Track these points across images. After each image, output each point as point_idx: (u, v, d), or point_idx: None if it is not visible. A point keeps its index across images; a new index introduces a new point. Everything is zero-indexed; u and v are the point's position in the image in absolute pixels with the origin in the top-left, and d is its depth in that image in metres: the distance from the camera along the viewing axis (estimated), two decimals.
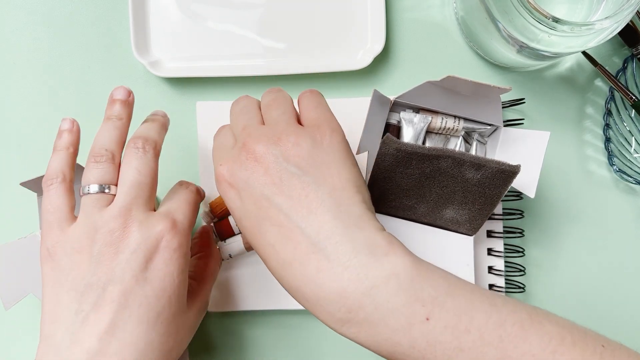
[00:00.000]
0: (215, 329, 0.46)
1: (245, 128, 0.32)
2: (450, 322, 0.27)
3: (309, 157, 0.30)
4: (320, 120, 0.32)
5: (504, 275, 0.44)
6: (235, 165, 0.31)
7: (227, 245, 0.43)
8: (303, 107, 0.34)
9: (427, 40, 0.46)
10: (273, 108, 0.33)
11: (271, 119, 0.33)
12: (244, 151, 0.31)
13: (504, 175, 0.37)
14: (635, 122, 0.46)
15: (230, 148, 0.33)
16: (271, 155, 0.30)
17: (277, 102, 0.34)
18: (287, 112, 0.33)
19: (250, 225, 0.31)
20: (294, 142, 0.30)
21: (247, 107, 0.34)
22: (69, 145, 0.35)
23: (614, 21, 0.35)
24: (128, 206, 0.32)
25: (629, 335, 0.47)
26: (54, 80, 0.46)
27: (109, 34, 0.46)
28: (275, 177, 0.30)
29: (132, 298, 0.30)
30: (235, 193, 0.31)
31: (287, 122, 0.32)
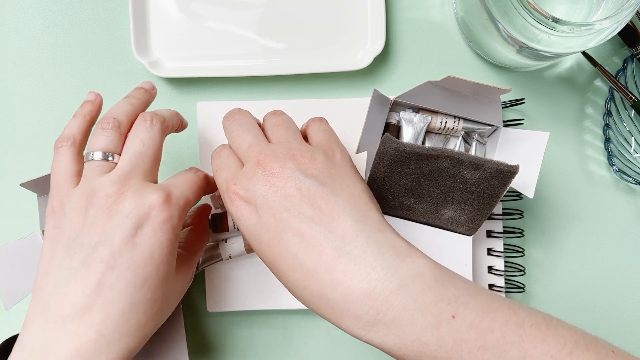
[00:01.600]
0: (215, 329, 0.46)
1: (252, 146, 0.33)
2: (474, 320, 0.27)
3: (324, 170, 0.31)
4: (330, 142, 0.34)
5: (503, 275, 0.44)
6: (251, 182, 0.31)
7: (228, 245, 0.43)
8: (312, 130, 0.36)
9: (427, 40, 0.46)
10: (281, 129, 0.34)
11: (280, 138, 0.34)
12: (259, 168, 0.31)
13: (502, 175, 0.37)
14: (635, 122, 0.46)
15: (238, 167, 0.33)
16: (288, 170, 0.31)
17: (285, 124, 0.35)
18: (295, 132, 0.35)
19: (269, 238, 0.30)
20: (309, 157, 0.32)
21: (246, 125, 0.35)
22: (87, 114, 0.36)
23: (613, 21, 0.35)
24: (127, 174, 0.33)
25: (629, 335, 0.47)
26: (54, 80, 0.46)
27: (109, 34, 0.46)
28: (294, 189, 0.30)
29: (121, 261, 0.30)
30: (252, 209, 0.31)
31: (297, 140, 0.33)
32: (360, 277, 0.28)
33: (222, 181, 0.33)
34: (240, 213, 0.31)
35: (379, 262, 0.28)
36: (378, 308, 0.28)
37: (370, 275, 0.28)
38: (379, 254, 0.29)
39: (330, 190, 0.31)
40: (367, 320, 0.28)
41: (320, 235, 0.29)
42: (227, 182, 0.32)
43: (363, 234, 0.29)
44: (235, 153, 0.34)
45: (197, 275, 0.46)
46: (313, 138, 0.35)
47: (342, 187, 0.31)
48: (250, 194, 0.31)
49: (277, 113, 0.36)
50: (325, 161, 0.32)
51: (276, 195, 0.30)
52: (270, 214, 0.30)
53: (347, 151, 0.35)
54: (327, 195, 0.30)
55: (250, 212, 0.31)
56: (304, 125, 0.38)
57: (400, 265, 0.28)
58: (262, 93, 0.46)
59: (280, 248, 0.30)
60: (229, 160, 0.34)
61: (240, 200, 0.31)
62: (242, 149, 0.33)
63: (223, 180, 0.33)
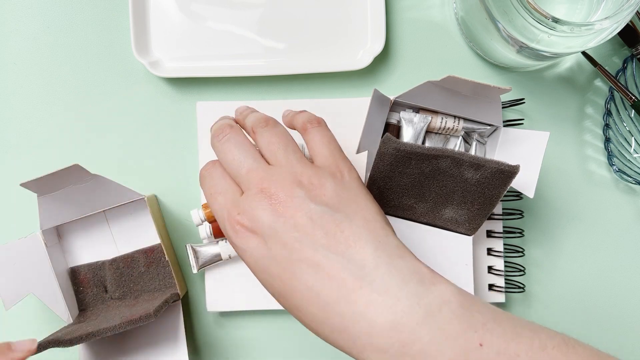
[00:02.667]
0: (215, 329, 0.46)
1: (252, 171, 0.31)
2: (501, 347, 0.26)
3: (334, 194, 0.30)
4: (335, 159, 0.32)
5: (503, 275, 0.44)
6: (257, 212, 0.29)
7: (228, 245, 0.43)
8: (314, 143, 0.33)
9: (427, 40, 0.46)
10: (280, 148, 0.32)
11: (280, 159, 0.31)
12: (264, 197, 0.29)
13: (503, 175, 0.37)
14: (634, 122, 0.46)
15: (236, 192, 0.31)
16: (297, 199, 0.29)
17: (279, 139, 0.32)
18: (294, 150, 0.32)
19: (281, 271, 0.28)
20: (317, 183, 0.30)
21: (242, 146, 0.32)
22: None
23: (613, 21, 0.35)
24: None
25: (629, 335, 0.47)
26: (54, 80, 0.46)
27: (109, 34, 0.46)
28: (305, 218, 0.28)
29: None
30: (259, 241, 0.29)
31: (300, 161, 0.31)
32: (384, 308, 0.26)
33: (221, 208, 0.31)
34: (246, 245, 0.29)
35: (403, 292, 0.27)
36: (404, 341, 0.26)
37: (395, 307, 0.26)
38: (402, 282, 0.27)
39: (343, 215, 0.29)
40: (393, 353, 0.26)
41: (337, 264, 0.27)
42: (227, 211, 0.30)
43: (384, 261, 0.27)
44: (229, 174, 0.32)
45: (197, 275, 0.46)
46: (316, 154, 0.33)
47: (356, 211, 0.30)
48: (256, 224, 0.29)
49: (269, 124, 0.33)
50: (334, 184, 0.30)
51: (286, 226, 0.28)
52: (281, 245, 0.28)
53: (354, 168, 0.33)
54: (342, 221, 0.29)
55: (257, 244, 0.29)
56: (298, 125, 0.35)
57: (425, 293, 0.27)
58: (262, 93, 0.46)
59: (293, 281, 0.28)
60: (224, 183, 0.32)
61: (246, 232, 0.29)
62: (241, 173, 0.31)
63: (221, 207, 0.31)
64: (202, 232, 0.43)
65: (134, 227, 0.44)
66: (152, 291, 0.43)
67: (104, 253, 0.44)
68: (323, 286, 0.27)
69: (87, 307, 0.43)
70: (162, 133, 0.46)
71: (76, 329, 0.39)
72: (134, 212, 0.44)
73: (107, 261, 0.43)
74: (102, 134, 0.46)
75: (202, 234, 0.43)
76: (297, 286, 0.28)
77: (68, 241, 0.44)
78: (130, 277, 0.43)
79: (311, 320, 0.28)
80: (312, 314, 0.28)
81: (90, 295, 0.43)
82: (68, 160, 0.46)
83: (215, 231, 0.43)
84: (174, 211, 0.46)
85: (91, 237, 0.44)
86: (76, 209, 0.41)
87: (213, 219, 0.42)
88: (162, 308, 0.39)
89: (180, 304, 0.43)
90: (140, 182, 0.46)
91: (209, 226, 0.43)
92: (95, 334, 0.37)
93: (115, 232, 0.44)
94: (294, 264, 0.28)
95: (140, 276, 0.43)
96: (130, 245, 0.44)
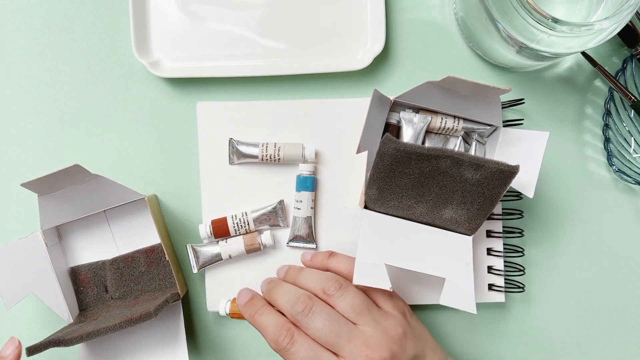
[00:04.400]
0: (215, 329, 0.46)
1: (352, 340, 0.35)
2: None
3: (414, 337, 0.37)
4: (399, 306, 0.38)
5: (503, 275, 0.44)
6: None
7: (228, 245, 0.43)
8: (378, 297, 0.38)
9: (427, 41, 0.46)
10: (364, 309, 0.36)
11: (369, 321, 0.36)
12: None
13: (503, 175, 0.37)
14: (634, 122, 0.46)
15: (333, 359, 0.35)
16: (398, 354, 0.35)
17: (360, 300, 0.37)
18: (373, 305, 0.37)
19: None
20: (410, 338, 0.36)
21: (333, 317, 0.36)
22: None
23: (613, 22, 0.35)
24: None
25: (629, 335, 0.47)
26: (54, 80, 0.46)
27: (109, 34, 0.46)
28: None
29: None
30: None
31: (383, 316, 0.37)
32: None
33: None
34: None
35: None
36: None
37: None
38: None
39: (421, 351, 0.37)
40: None
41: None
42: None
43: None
44: (319, 343, 0.35)
45: (197, 275, 0.46)
46: (382, 304, 0.38)
47: (425, 337, 0.38)
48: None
49: (342, 286, 0.37)
50: (408, 327, 0.37)
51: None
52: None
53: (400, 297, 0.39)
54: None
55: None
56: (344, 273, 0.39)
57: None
58: (262, 93, 0.46)
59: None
60: (318, 352, 0.35)
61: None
62: (340, 343, 0.35)
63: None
64: (202, 232, 0.43)
65: (134, 227, 0.44)
66: (153, 291, 0.43)
67: (105, 253, 0.44)
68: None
69: (87, 307, 0.43)
70: (162, 133, 0.46)
71: (76, 328, 0.39)
72: (134, 212, 0.44)
73: (107, 261, 0.43)
74: (102, 134, 0.46)
75: (203, 234, 0.43)
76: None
77: (68, 241, 0.44)
78: (130, 277, 0.43)
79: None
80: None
81: (91, 295, 0.43)
82: (68, 160, 0.46)
83: (215, 231, 0.43)
84: (174, 211, 0.46)
85: (92, 237, 0.44)
86: (76, 209, 0.41)
87: (236, 315, 0.42)
88: (162, 307, 0.39)
89: (180, 303, 0.43)
90: (140, 182, 0.46)
91: (209, 226, 0.43)
92: (95, 333, 0.37)
93: (115, 232, 0.44)
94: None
95: (140, 276, 0.43)
96: (130, 245, 0.44)
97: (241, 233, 0.44)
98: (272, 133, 0.44)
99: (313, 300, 0.36)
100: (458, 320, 0.46)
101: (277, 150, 0.43)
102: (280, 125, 0.44)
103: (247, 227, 0.44)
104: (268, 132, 0.44)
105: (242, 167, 0.44)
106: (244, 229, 0.44)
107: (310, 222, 0.44)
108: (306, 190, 0.43)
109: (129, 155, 0.46)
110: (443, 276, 0.38)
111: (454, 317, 0.46)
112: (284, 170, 0.44)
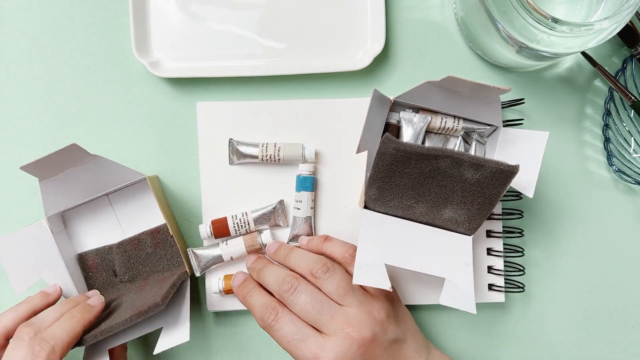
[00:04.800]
0: (215, 329, 0.46)
1: (334, 317, 0.36)
2: None
3: (396, 321, 0.39)
4: (386, 291, 0.40)
5: (503, 275, 0.44)
6: (349, 354, 0.35)
7: (229, 248, 0.43)
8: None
9: (427, 41, 0.46)
10: (348, 292, 0.38)
11: (352, 302, 0.37)
12: (353, 342, 0.36)
13: (502, 175, 0.37)
14: (634, 122, 0.46)
15: (316, 334, 0.36)
16: (376, 335, 0.37)
17: (346, 282, 0.38)
18: (358, 288, 0.39)
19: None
20: (392, 321, 0.38)
21: (312, 293, 0.37)
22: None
23: (613, 22, 0.35)
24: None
25: (629, 334, 0.47)
26: (54, 80, 0.46)
27: (109, 34, 0.46)
28: (382, 349, 0.37)
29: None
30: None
31: (366, 296, 0.38)
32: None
33: (309, 355, 0.36)
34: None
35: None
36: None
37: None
38: None
39: (402, 333, 0.39)
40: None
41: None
42: (314, 356, 0.36)
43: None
44: (302, 318, 0.37)
45: None
46: (369, 288, 0.39)
47: (408, 322, 0.40)
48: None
49: (329, 269, 0.38)
50: (393, 310, 0.39)
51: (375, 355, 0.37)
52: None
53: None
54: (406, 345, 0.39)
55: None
56: (338, 257, 0.40)
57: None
58: (262, 93, 0.46)
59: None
60: (301, 328, 0.37)
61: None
62: (323, 319, 0.36)
63: (310, 354, 0.36)
64: (202, 232, 0.43)
65: (138, 209, 0.44)
66: (161, 271, 0.43)
67: (111, 237, 0.44)
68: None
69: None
70: (162, 133, 0.46)
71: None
72: (137, 194, 0.44)
73: (114, 245, 0.43)
74: (102, 134, 0.46)
75: (203, 234, 0.43)
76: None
77: (74, 227, 0.44)
78: (138, 259, 0.43)
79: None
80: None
81: (100, 280, 0.44)
82: None
83: (215, 231, 0.43)
84: (174, 211, 0.46)
85: (96, 222, 0.44)
86: (79, 193, 0.41)
87: (230, 290, 0.43)
88: (170, 294, 0.39)
89: (188, 280, 0.43)
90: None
91: (209, 226, 0.43)
92: (108, 331, 0.37)
93: (120, 215, 0.44)
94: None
95: (148, 257, 0.43)
96: (136, 227, 0.44)
97: (241, 233, 0.44)
98: (272, 133, 0.44)
99: (299, 280, 0.38)
100: (458, 320, 0.46)
101: (277, 150, 0.43)
102: (280, 125, 0.44)
103: (247, 227, 0.44)
104: (268, 132, 0.44)
105: (242, 167, 0.44)
106: (244, 228, 0.44)
107: (310, 222, 0.44)
108: (306, 190, 0.43)
109: (129, 155, 0.46)
110: (443, 276, 0.38)
111: (454, 317, 0.46)
112: (284, 170, 0.44)
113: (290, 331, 0.37)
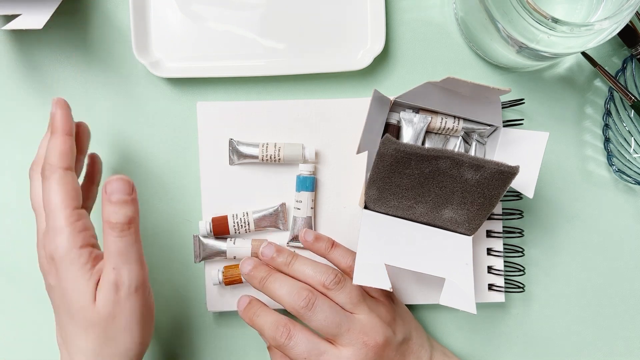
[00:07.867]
0: (215, 329, 0.46)
1: (351, 329, 0.37)
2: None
3: (402, 321, 0.40)
4: (385, 292, 0.41)
5: (503, 275, 0.44)
6: (369, 356, 0.37)
7: (236, 247, 0.43)
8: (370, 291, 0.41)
9: (427, 41, 0.46)
10: (360, 299, 0.38)
11: (364, 310, 0.38)
12: (369, 350, 0.37)
13: (502, 175, 0.37)
14: (634, 122, 0.46)
15: (330, 346, 0.37)
16: (390, 338, 0.38)
17: (356, 291, 0.39)
18: (366, 296, 0.40)
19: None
20: (398, 322, 0.40)
21: (333, 309, 0.38)
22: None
23: (613, 22, 0.35)
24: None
25: (628, 335, 0.47)
26: (54, 80, 0.46)
27: (109, 34, 0.46)
28: (394, 352, 0.38)
29: None
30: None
31: (376, 303, 0.40)
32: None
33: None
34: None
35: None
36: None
37: None
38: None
39: (408, 331, 0.41)
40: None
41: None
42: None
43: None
44: (316, 333, 0.38)
45: (197, 275, 0.46)
46: (372, 292, 0.41)
47: (409, 319, 0.42)
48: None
49: (340, 281, 0.39)
50: (394, 310, 0.40)
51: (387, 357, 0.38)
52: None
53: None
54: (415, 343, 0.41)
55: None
56: (342, 266, 0.41)
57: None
58: (262, 93, 0.46)
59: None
60: (316, 343, 0.37)
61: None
62: (341, 332, 0.37)
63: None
64: (202, 228, 0.43)
65: None
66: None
67: None
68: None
69: None
70: (162, 133, 0.46)
71: None
72: None
73: None
74: (102, 135, 0.46)
75: (202, 231, 0.43)
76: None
77: None
78: None
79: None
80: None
81: None
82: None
83: (215, 229, 0.43)
84: (175, 211, 0.46)
85: None
86: None
87: (229, 281, 0.43)
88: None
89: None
90: (141, 182, 0.46)
91: (209, 223, 0.43)
92: None
93: None
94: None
95: None
96: None
97: (241, 233, 0.44)
98: (272, 133, 0.44)
99: (315, 294, 0.37)
100: (458, 320, 0.46)
101: (277, 150, 0.43)
102: (281, 126, 0.44)
103: (248, 227, 0.44)
104: (268, 132, 0.44)
105: (242, 167, 0.44)
106: (244, 228, 0.44)
107: (310, 222, 0.44)
108: (306, 191, 0.43)
109: (129, 156, 0.46)
110: (443, 276, 0.38)
111: (454, 317, 0.46)
112: (284, 171, 0.44)
113: (306, 348, 0.37)
